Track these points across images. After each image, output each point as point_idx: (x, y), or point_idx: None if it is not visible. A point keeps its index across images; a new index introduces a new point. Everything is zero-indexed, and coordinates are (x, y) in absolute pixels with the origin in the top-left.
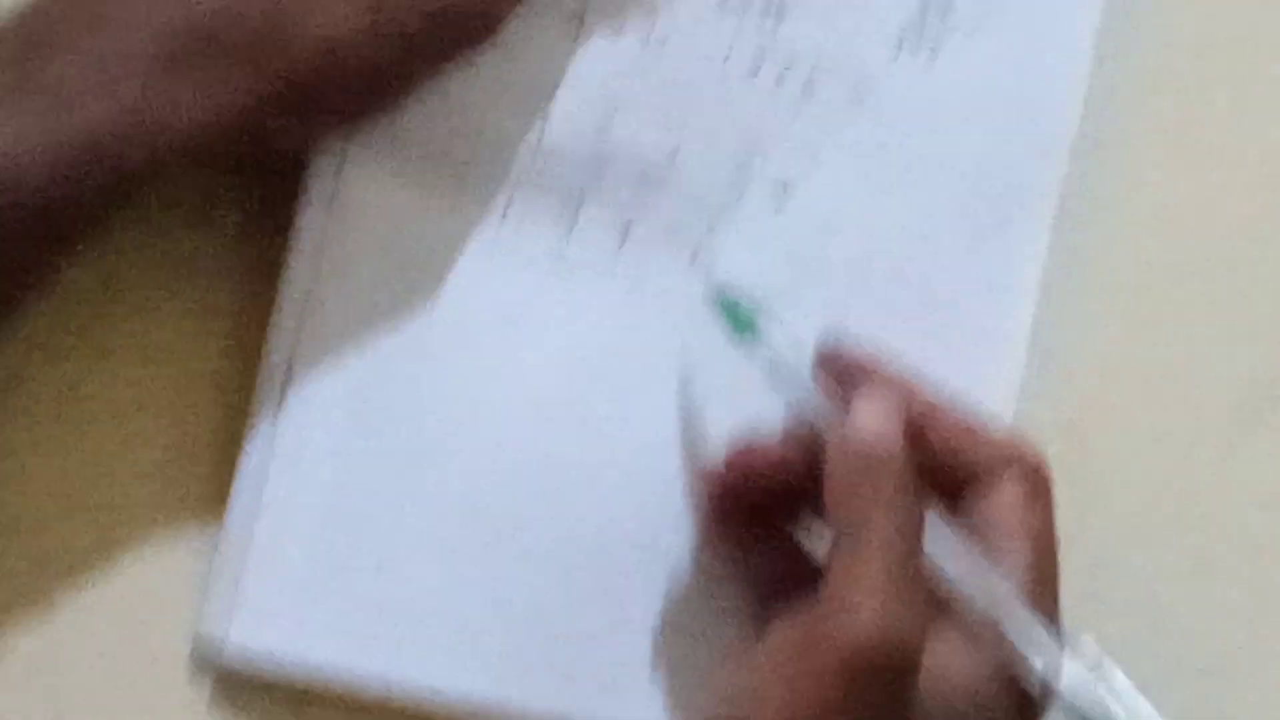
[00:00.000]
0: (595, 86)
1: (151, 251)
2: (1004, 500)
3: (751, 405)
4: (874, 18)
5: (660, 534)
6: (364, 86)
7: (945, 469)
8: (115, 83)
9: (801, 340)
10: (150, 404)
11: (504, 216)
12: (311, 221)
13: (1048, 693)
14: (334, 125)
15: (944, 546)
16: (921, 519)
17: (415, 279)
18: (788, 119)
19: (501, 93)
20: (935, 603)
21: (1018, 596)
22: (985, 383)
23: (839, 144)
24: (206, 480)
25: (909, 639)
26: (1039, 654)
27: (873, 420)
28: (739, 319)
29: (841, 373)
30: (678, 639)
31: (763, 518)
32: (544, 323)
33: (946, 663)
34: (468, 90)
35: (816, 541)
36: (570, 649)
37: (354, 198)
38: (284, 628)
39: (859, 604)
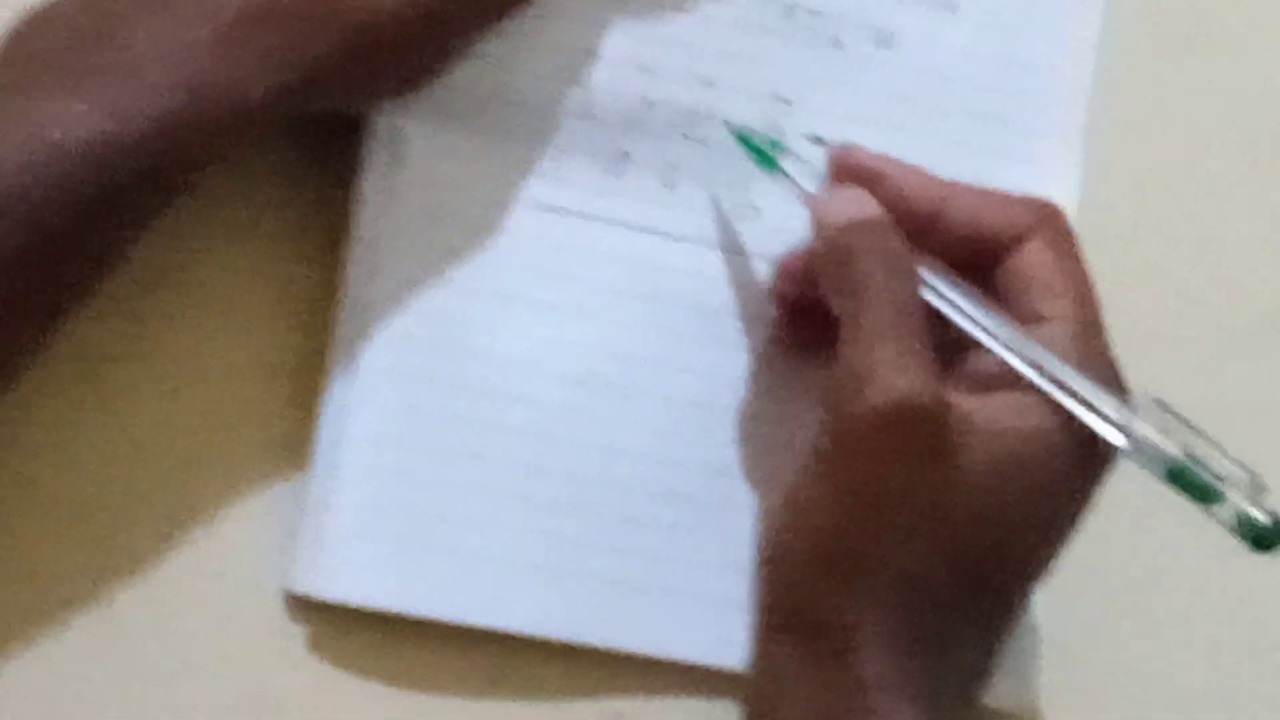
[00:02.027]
0: (634, 47)
1: (221, 216)
2: (1032, 258)
3: None
4: None
5: (718, 471)
6: (411, 53)
7: (971, 245)
8: (180, 60)
9: (816, 169)
10: (227, 364)
11: (554, 176)
12: (372, 182)
13: (1118, 440)
14: (388, 90)
15: (983, 320)
16: (912, 273)
17: (474, 233)
18: (818, 70)
19: (544, 57)
20: (992, 369)
21: (1064, 359)
22: None
23: (867, 92)
24: (288, 438)
25: (924, 390)
26: (1108, 411)
27: (846, 194)
28: (761, 154)
29: (854, 177)
30: (729, 572)
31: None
32: (597, 274)
33: (1008, 420)
34: (513, 55)
35: None
36: (632, 588)
37: (411, 158)
38: (369, 577)
39: (868, 369)
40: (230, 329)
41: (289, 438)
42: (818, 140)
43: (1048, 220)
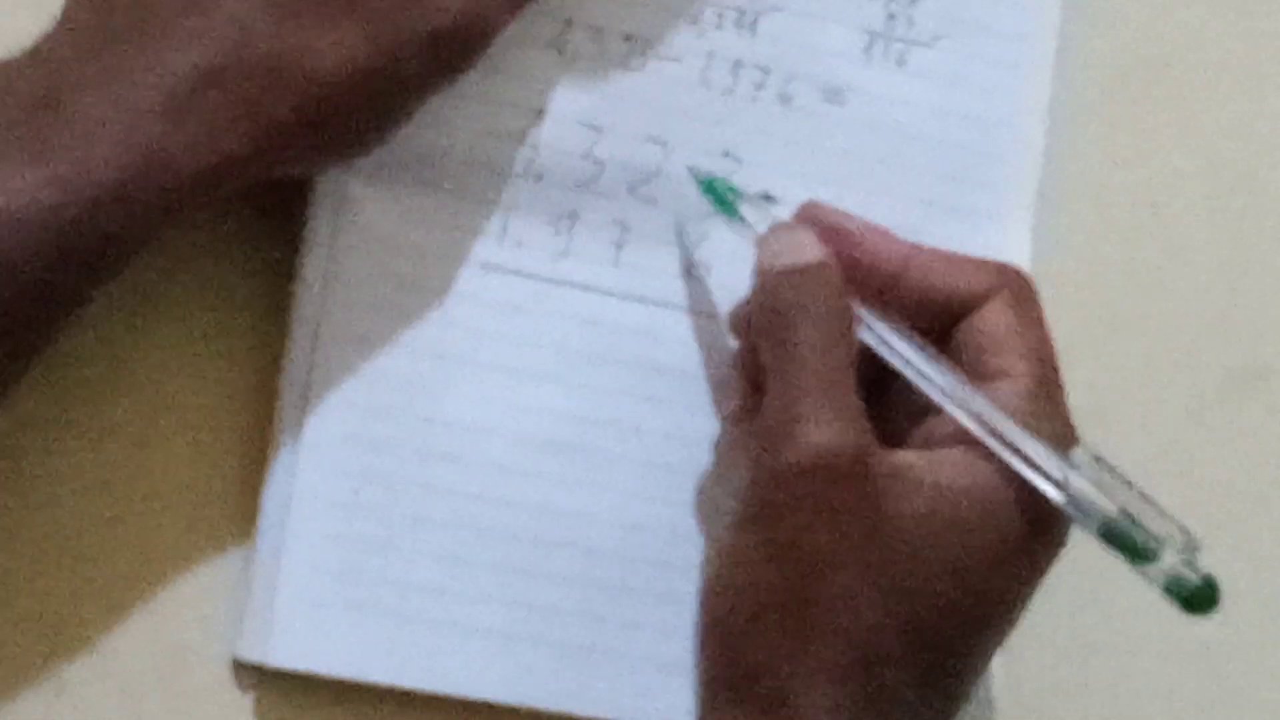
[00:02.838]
0: (582, 106)
1: (163, 285)
2: (991, 320)
3: None
4: (842, 27)
5: (676, 534)
6: (363, 116)
7: (932, 306)
8: (131, 128)
9: (777, 216)
10: (173, 434)
11: (503, 237)
12: (317, 245)
13: (1053, 494)
14: (337, 156)
15: (925, 368)
16: (844, 325)
17: (422, 296)
18: (767, 127)
19: (491, 116)
20: (946, 429)
21: (1011, 417)
22: None
23: (817, 148)
24: (234, 504)
25: (843, 443)
26: (1045, 466)
27: (788, 236)
28: (722, 200)
29: (821, 233)
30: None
31: None
32: (548, 335)
33: (947, 476)
34: (460, 114)
35: None
36: (587, 652)
37: (357, 221)
38: (317, 644)
39: (789, 423)
40: (175, 396)
41: (236, 504)
42: (767, 198)
43: (1009, 282)
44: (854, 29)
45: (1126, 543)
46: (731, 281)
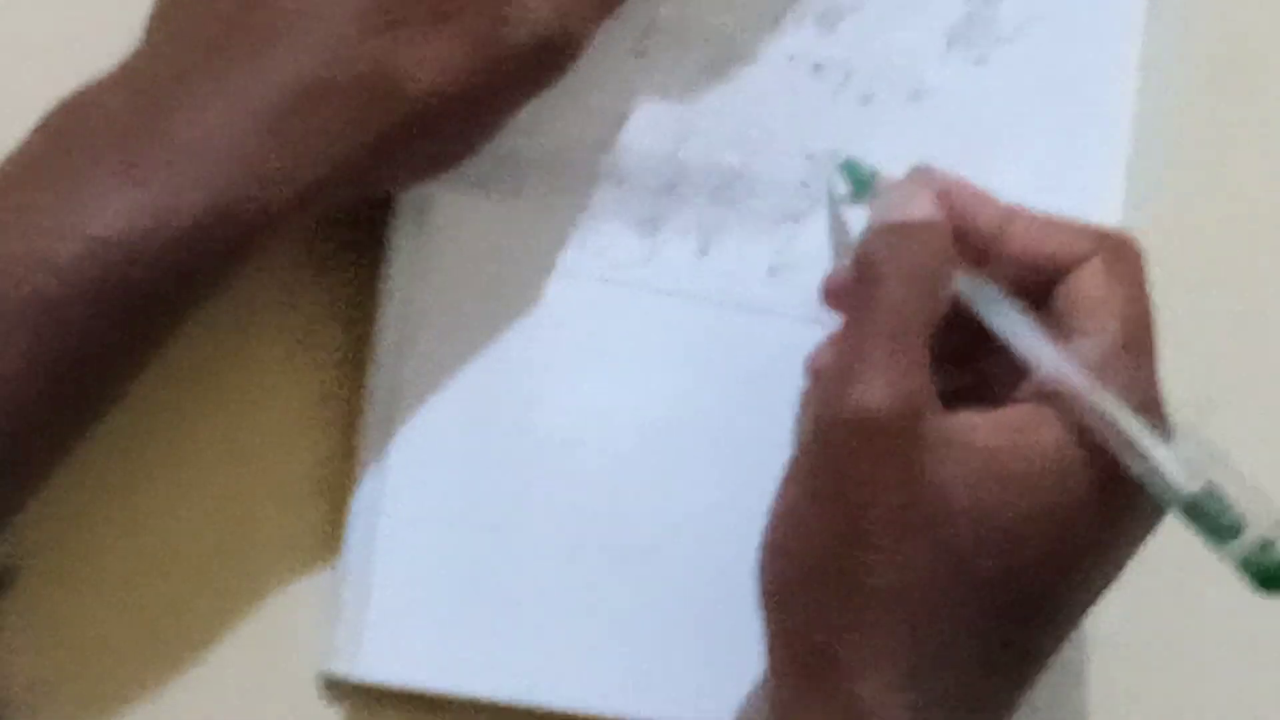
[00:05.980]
0: (664, 110)
1: (247, 296)
2: (1084, 281)
3: None
4: (922, 25)
5: None
6: (459, 130)
7: (1031, 269)
8: (227, 152)
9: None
10: (260, 447)
11: (586, 243)
12: (401, 253)
13: (1134, 464)
14: (432, 170)
15: (1026, 335)
16: (932, 288)
17: (506, 303)
18: (849, 127)
19: (573, 122)
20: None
21: (1096, 373)
22: None
23: (899, 148)
24: (323, 517)
25: (892, 400)
26: (1127, 431)
27: (904, 192)
28: (859, 182)
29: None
30: None
31: None
32: (633, 341)
33: (1009, 436)
34: (542, 120)
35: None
36: (680, 661)
37: (440, 228)
38: (407, 657)
39: (846, 377)
40: (261, 408)
41: (324, 516)
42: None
43: (1110, 245)
44: (935, 28)
45: (1207, 522)
46: (814, 284)
